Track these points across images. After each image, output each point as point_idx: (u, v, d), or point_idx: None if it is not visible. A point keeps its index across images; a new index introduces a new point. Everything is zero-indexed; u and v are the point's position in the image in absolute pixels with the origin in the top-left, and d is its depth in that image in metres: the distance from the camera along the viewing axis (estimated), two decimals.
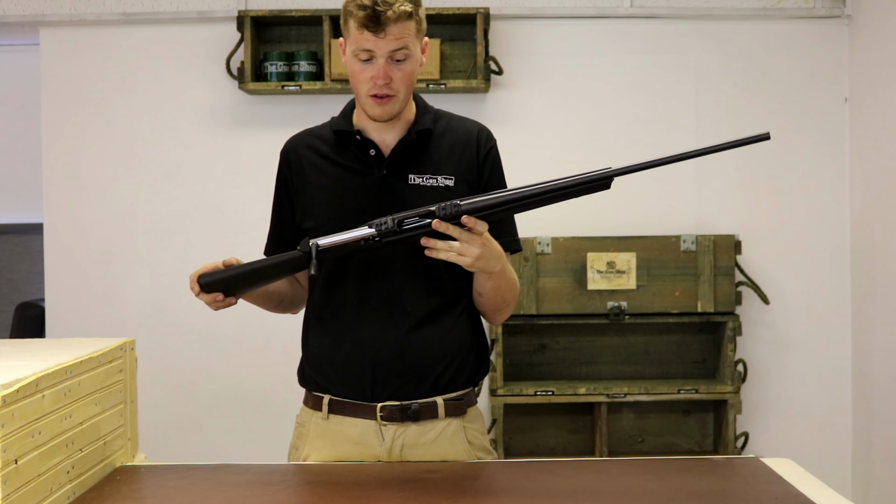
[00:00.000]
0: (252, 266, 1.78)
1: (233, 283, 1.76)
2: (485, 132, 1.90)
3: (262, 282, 1.80)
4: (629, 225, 3.48)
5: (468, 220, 1.62)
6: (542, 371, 3.54)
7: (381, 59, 1.73)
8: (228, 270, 1.77)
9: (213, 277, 1.77)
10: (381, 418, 1.81)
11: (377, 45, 1.72)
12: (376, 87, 1.75)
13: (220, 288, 1.76)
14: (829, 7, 3.52)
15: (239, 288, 1.78)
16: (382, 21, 1.70)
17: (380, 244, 1.69)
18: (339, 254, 1.72)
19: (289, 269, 1.77)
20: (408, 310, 1.80)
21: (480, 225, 1.63)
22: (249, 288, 1.80)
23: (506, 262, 1.77)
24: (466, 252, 1.65)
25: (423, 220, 1.66)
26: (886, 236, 3.29)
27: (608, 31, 3.56)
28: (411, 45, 1.75)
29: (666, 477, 1.69)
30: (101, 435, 1.70)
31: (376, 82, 1.75)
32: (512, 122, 3.51)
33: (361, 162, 1.84)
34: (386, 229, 1.67)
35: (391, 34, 1.72)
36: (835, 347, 3.57)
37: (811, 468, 1.75)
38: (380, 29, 1.71)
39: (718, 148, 1.61)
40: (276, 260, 1.78)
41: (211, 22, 3.54)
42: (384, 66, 1.74)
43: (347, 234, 1.70)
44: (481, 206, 1.64)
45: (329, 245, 1.70)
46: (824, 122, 3.56)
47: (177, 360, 3.53)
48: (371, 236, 1.68)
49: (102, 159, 3.56)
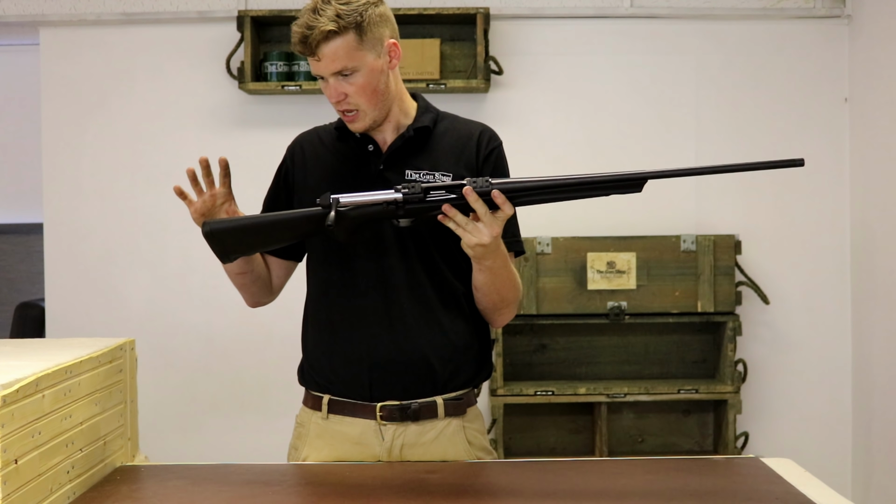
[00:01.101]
0: (266, 219, 1.68)
1: (243, 234, 1.67)
2: (487, 133, 1.88)
3: (274, 238, 1.70)
4: (629, 225, 3.47)
5: (498, 196, 1.60)
6: (542, 371, 3.54)
7: (330, 78, 1.74)
8: (240, 219, 1.68)
9: (221, 225, 1.69)
10: (381, 418, 1.81)
11: (317, 68, 1.74)
12: (336, 104, 1.77)
13: (229, 237, 1.67)
14: (829, 7, 3.52)
15: (248, 240, 1.68)
16: (310, 44, 1.70)
17: (401, 213, 1.63)
18: (357, 219, 1.64)
19: (306, 225, 1.66)
20: (407, 309, 1.80)
21: (508, 206, 1.61)
22: (260, 244, 1.70)
23: (506, 260, 1.76)
24: (477, 233, 1.63)
25: (450, 193, 1.63)
26: (886, 236, 3.29)
27: (608, 31, 3.56)
28: (353, 60, 1.72)
29: (666, 477, 1.69)
30: (101, 435, 1.70)
31: (331, 101, 1.77)
32: (512, 122, 3.51)
33: (359, 157, 1.84)
34: (411, 194, 1.62)
35: (325, 56, 1.71)
36: (835, 347, 3.57)
37: (811, 468, 1.75)
38: (311, 52, 1.72)
39: (751, 167, 1.59)
40: (293, 215, 1.68)
41: (211, 22, 3.54)
42: (333, 85, 1.74)
43: (371, 194, 1.65)
44: (512, 188, 1.61)
45: (350, 204, 1.64)
46: (824, 122, 3.56)
47: (177, 360, 3.53)
48: (395, 200, 1.63)
49: (102, 159, 3.56)
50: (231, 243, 1.70)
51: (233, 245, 1.70)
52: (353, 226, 1.66)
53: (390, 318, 1.80)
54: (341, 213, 1.62)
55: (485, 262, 1.72)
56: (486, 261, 1.71)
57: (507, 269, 1.77)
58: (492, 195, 1.60)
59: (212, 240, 1.69)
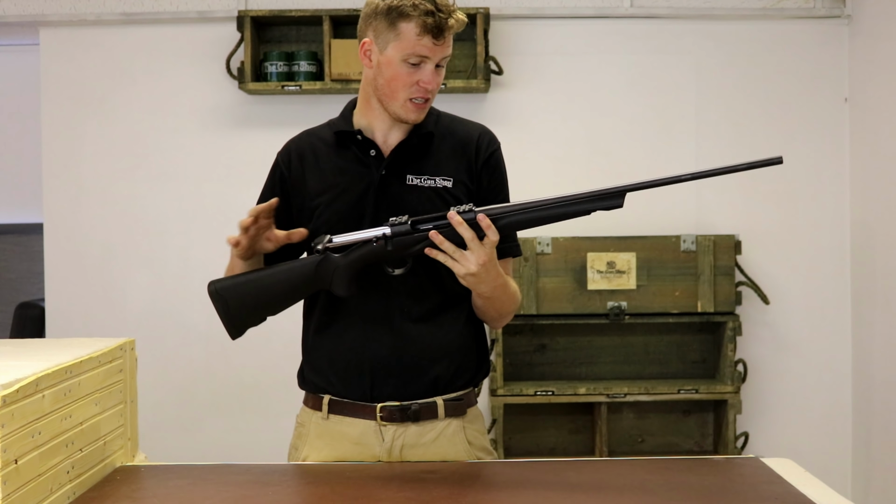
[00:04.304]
0: (267, 279, 1.73)
1: (245, 304, 1.74)
2: (486, 136, 1.88)
3: (280, 297, 1.75)
4: (629, 225, 3.47)
5: (483, 219, 1.61)
6: (542, 371, 3.54)
7: (432, 64, 1.74)
8: (243, 285, 1.73)
9: (226, 284, 1.73)
10: (381, 418, 1.81)
11: (433, 52, 1.73)
12: (420, 91, 1.75)
13: (234, 306, 1.73)
14: (829, 7, 3.52)
15: (254, 309, 1.75)
16: (445, 29, 1.72)
17: (390, 247, 1.66)
18: (350, 266, 1.68)
19: (309, 282, 1.72)
20: (407, 310, 1.80)
21: (493, 232, 1.63)
22: (264, 307, 1.76)
23: (503, 281, 1.75)
24: (464, 262, 1.64)
25: (437, 222, 1.65)
26: (886, 236, 3.29)
27: (608, 31, 3.56)
28: (450, 54, 1.78)
29: (666, 477, 1.69)
30: (101, 435, 1.70)
31: (425, 87, 1.75)
32: (512, 122, 3.50)
33: (361, 162, 1.83)
34: (399, 225, 1.66)
35: (447, 41, 1.74)
36: (835, 347, 3.57)
37: (811, 468, 1.75)
38: (440, 36, 1.72)
39: (731, 169, 1.60)
40: (292, 272, 1.73)
41: (211, 22, 3.53)
42: (437, 73, 1.75)
43: (361, 233, 1.69)
44: (497, 212, 1.63)
45: (342, 243, 1.68)
46: (824, 122, 3.56)
47: (177, 360, 3.53)
48: (384, 234, 1.66)
49: (102, 159, 3.56)
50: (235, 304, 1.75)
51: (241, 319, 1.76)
52: (348, 275, 1.69)
53: (390, 319, 1.80)
54: (338, 269, 1.68)
55: (479, 289, 1.73)
56: (481, 287, 1.71)
57: (504, 290, 1.77)
58: (477, 219, 1.62)
59: (217, 300, 1.75)
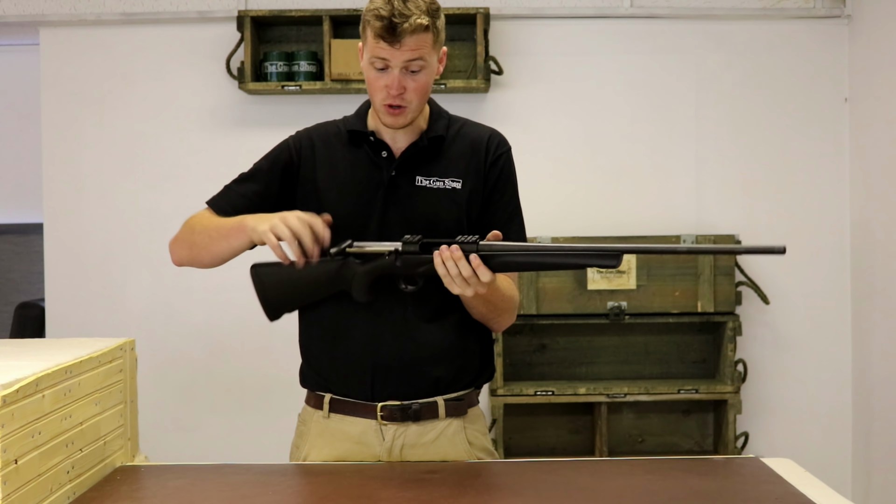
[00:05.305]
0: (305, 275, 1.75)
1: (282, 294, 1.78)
2: (496, 138, 1.88)
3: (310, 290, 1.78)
4: (629, 225, 3.47)
5: (474, 259, 1.62)
6: (542, 371, 3.54)
7: (396, 69, 1.73)
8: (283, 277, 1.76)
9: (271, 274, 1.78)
10: (382, 418, 1.81)
11: (392, 56, 1.72)
12: (390, 97, 1.75)
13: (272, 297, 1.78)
14: (829, 7, 3.52)
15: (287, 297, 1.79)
16: (398, 33, 1.70)
17: (399, 263, 1.69)
18: (367, 275, 1.71)
19: (334, 281, 1.75)
20: (409, 309, 1.80)
21: (483, 271, 1.62)
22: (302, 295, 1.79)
23: (496, 294, 1.77)
24: (462, 286, 1.65)
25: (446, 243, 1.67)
26: (886, 236, 3.29)
27: (608, 31, 3.56)
28: (427, 57, 1.74)
29: (666, 477, 1.69)
30: (101, 435, 1.70)
31: (389, 92, 1.75)
32: (512, 122, 3.50)
33: (372, 162, 1.84)
34: (408, 245, 1.68)
35: (406, 45, 1.71)
36: (835, 347, 3.57)
37: (811, 468, 1.75)
38: (395, 40, 1.71)
39: (733, 251, 1.62)
40: (322, 269, 1.75)
41: (211, 22, 3.54)
42: (398, 77, 1.74)
43: (377, 244, 1.72)
44: (495, 250, 1.64)
45: (357, 248, 1.72)
46: (824, 122, 3.56)
47: (177, 360, 3.53)
48: (395, 250, 1.69)
49: (102, 159, 3.56)
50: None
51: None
52: (366, 282, 1.72)
53: (392, 318, 1.80)
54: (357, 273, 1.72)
55: (472, 305, 1.77)
56: (472, 304, 1.76)
57: (498, 298, 1.78)
58: (469, 258, 1.62)
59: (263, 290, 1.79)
